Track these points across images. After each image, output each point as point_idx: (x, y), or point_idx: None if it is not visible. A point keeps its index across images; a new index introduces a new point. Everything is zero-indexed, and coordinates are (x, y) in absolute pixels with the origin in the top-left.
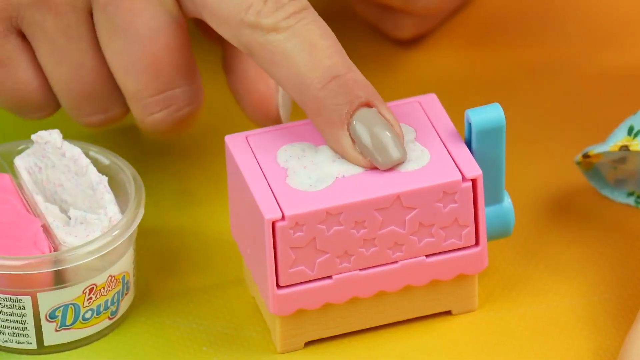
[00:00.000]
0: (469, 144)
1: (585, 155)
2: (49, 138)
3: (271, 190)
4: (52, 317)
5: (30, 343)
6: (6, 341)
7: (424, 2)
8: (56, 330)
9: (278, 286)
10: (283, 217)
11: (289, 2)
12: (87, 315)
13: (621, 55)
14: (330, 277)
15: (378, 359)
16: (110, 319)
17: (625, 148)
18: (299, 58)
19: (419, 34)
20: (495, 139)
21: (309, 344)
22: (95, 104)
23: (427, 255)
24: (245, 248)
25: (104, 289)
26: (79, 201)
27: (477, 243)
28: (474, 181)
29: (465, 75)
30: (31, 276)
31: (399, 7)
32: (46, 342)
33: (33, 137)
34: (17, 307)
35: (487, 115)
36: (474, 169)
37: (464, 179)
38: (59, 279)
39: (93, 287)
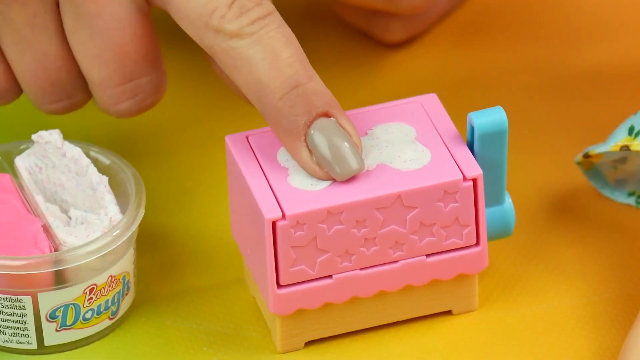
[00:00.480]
0: (471, 146)
1: (586, 155)
2: (50, 138)
3: (272, 189)
4: (52, 317)
5: (31, 343)
6: (6, 341)
7: (407, 1)
8: (56, 331)
9: (278, 286)
10: (284, 217)
11: (254, 7)
12: (88, 316)
13: (621, 55)
14: (330, 276)
15: (378, 358)
16: (110, 319)
17: (625, 148)
18: (260, 66)
19: (408, 37)
20: (497, 142)
21: (309, 343)
22: (58, 92)
23: (427, 255)
24: (246, 248)
25: (104, 289)
26: (80, 201)
27: (477, 243)
28: (474, 181)
29: (465, 76)
30: (32, 276)
31: (383, 9)
32: (46, 342)
33: (33, 137)
34: (17, 307)
35: (490, 118)
36: (474, 169)
37: (464, 178)
38: (60, 279)
39: (93, 287)
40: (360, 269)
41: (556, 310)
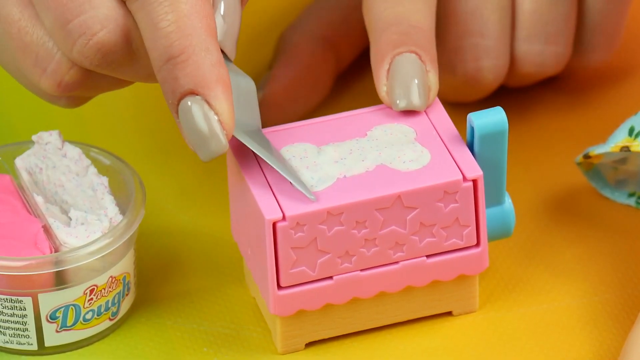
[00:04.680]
0: (471, 147)
1: (586, 156)
2: (50, 139)
3: (272, 190)
4: (52, 317)
5: (31, 344)
6: (7, 342)
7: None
8: (57, 331)
9: (279, 287)
10: (284, 218)
11: None
12: (88, 316)
13: (621, 55)
14: (331, 277)
15: (379, 359)
16: (111, 319)
17: (626, 149)
18: (143, 32)
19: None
20: (497, 142)
21: (309, 344)
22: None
23: (427, 256)
24: (246, 248)
25: (104, 289)
26: (80, 202)
27: (477, 243)
28: (474, 181)
29: None
30: (32, 277)
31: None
32: (47, 343)
33: (34, 137)
34: (17, 308)
35: (489, 119)
36: (474, 169)
37: (464, 179)
38: (60, 280)
39: (94, 288)
40: (361, 270)
41: (556, 311)
